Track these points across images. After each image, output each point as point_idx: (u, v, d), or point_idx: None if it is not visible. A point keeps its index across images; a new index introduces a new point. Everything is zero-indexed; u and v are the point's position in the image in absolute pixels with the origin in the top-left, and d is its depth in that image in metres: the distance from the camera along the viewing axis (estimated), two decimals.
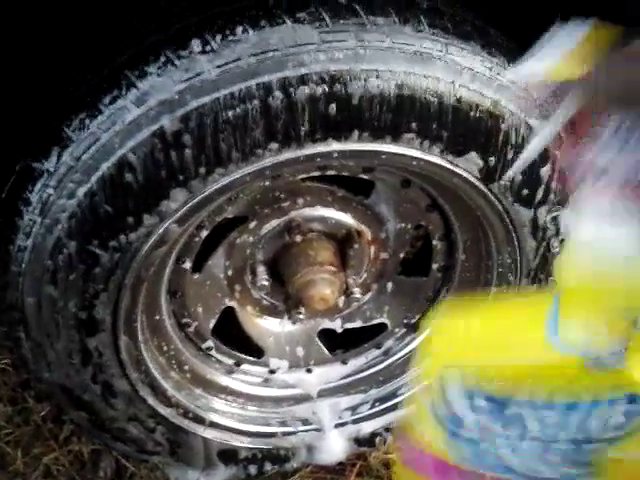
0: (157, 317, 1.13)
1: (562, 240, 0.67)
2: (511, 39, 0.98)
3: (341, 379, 1.35)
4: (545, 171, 0.97)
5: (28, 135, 0.90)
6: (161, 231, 0.92)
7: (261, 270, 1.18)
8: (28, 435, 1.38)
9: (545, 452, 0.74)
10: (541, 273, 1.13)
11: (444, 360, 0.75)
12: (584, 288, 0.64)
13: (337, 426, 1.32)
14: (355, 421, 1.33)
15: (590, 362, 0.67)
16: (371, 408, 1.33)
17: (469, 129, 0.92)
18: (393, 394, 1.32)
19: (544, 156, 0.97)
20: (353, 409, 1.33)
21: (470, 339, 0.76)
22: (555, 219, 1.04)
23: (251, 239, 1.14)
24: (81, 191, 0.88)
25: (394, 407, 1.33)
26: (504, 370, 0.71)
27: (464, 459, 0.77)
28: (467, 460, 0.77)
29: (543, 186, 1.01)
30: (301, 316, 1.24)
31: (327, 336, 1.34)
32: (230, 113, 0.84)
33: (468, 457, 0.77)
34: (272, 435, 1.30)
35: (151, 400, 1.14)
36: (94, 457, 1.36)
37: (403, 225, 1.19)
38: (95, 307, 0.97)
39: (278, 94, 0.84)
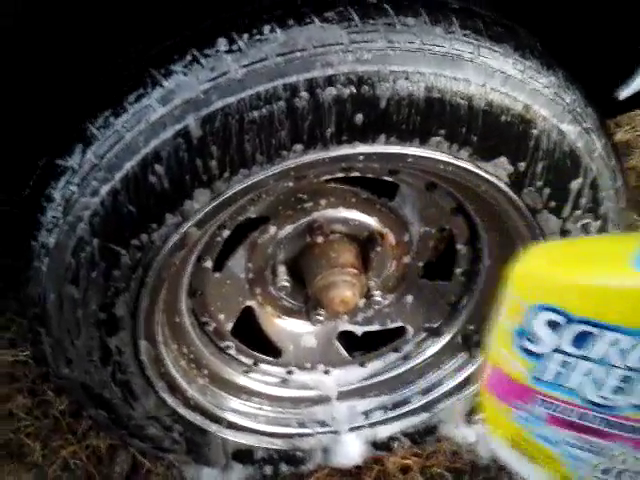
0: (177, 316, 1.13)
1: None
2: (543, 42, 0.95)
3: (359, 382, 1.34)
4: (576, 183, 0.95)
5: (52, 131, 0.90)
6: (183, 231, 0.92)
7: (282, 270, 1.17)
8: (47, 428, 1.39)
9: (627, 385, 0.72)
10: None
11: (532, 283, 0.74)
12: None
13: (354, 429, 1.31)
14: (371, 425, 1.32)
15: None
16: (387, 412, 1.31)
17: (499, 133, 0.90)
18: (409, 399, 1.31)
19: (576, 169, 0.95)
20: (370, 412, 1.32)
21: (556, 259, 0.74)
22: (585, 227, 1.01)
23: (273, 239, 1.13)
24: (104, 189, 0.87)
25: (411, 412, 1.32)
26: (590, 292, 0.68)
27: (547, 388, 0.75)
28: (549, 388, 0.76)
29: (573, 196, 0.98)
30: (321, 317, 1.22)
31: (346, 338, 1.33)
32: (255, 113, 0.83)
33: (551, 386, 0.75)
34: (289, 436, 1.29)
35: (170, 399, 1.13)
36: (111, 452, 1.37)
37: (427, 229, 1.17)
38: (115, 306, 0.96)
39: (304, 95, 0.83)
